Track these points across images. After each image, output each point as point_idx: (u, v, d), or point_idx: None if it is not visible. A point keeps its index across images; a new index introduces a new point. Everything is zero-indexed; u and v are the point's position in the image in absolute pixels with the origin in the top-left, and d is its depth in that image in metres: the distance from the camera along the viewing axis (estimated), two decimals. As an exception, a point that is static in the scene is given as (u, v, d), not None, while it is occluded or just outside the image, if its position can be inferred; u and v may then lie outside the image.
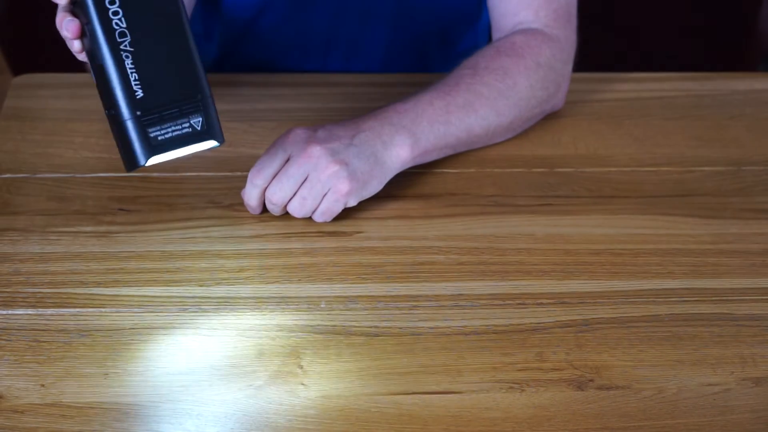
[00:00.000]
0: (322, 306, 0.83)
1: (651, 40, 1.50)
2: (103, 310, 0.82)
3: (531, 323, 0.82)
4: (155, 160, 0.76)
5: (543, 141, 1.02)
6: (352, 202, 0.89)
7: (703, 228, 0.92)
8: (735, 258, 0.89)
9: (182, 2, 0.75)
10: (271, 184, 0.88)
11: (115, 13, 0.73)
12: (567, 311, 0.83)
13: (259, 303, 0.83)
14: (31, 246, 0.87)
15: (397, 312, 0.83)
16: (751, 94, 1.11)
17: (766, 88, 1.13)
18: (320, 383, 0.77)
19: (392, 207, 0.93)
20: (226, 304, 0.83)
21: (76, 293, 0.83)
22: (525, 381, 0.78)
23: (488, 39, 1.22)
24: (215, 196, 0.93)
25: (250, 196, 0.89)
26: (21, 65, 1.32)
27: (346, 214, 0.91)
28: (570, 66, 1.04)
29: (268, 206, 0.89)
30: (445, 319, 0.82)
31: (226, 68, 1.19)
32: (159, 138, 0.75)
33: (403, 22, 1.15)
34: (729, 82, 1.13)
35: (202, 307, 0.82)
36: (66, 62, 1.17)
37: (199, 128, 0.76)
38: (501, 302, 0.84)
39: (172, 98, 0.75)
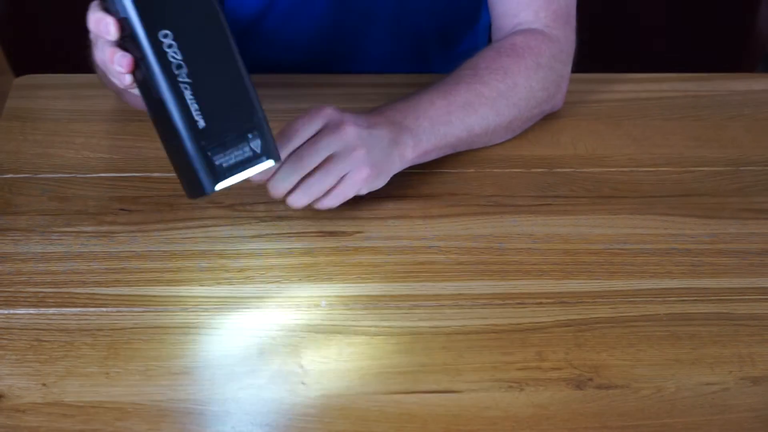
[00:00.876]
0: (322, 305, 0.83)
1: (650, 40, 1.50)
2: (104, 309, 0.82)
3: (530, 323, 0.83)
4: (220, 186, 0.76)
5: (542, 141, 1.02)
6: (363, 191, 0.88)
7: (701, 228, 0.93)
8: (733, 258, 0.90)
9: (228, 27, 0.75)
10: (305, 147, 0.85)
11: (170, 46, 0.72)
12: (566, 311, 0.84)
13: (259, 302, 0.83)
14: (33, 246, 0.88)
15: (397, 312, 0.83)
16: (749, 95, 1.11)
17: (764, 89, 1.13)
18: (320, 382, 0.77)
19: (392, 207, 0.93)
20: (226, 303, 0.83)
21: (77, 293, 0.83)
22: (524, 380, 0.78)
23: (488, 40, 1.22)
24: (216, 196, 0.93)
25: (288, 149, 0.85)
26: (22, 66, 1.32)
27: (346, 214, 0.91)
28: (569, 66, 1.04)
29: (288, 176, 0.85)
30: (445, 319, 0.83)
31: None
32: (224, 165, 0.75)
33: (404, 23, 1.15)
34: (728, 83, 1.13)
35: (203, 306, 0.83)
36: (67, 63, 1.17)
37: (258, 150, 0.76)
38: (500, 302, 0.85)
39: (231, 124, 0.75)
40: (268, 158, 0.77)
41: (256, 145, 0.76)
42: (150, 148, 0.99)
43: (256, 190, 0.94)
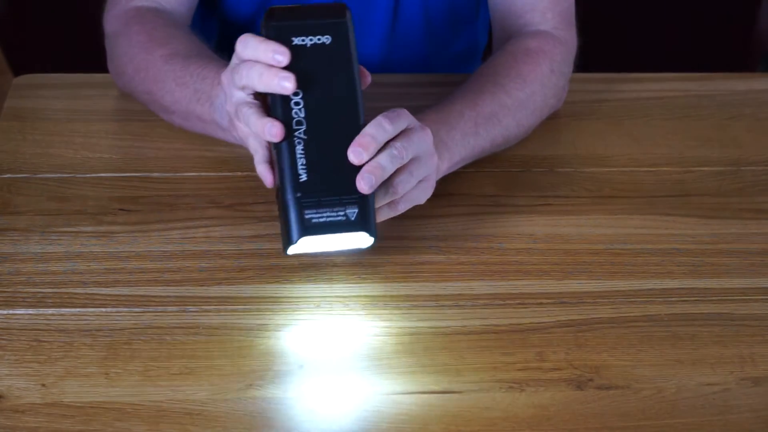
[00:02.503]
0: (322, 306, 0.83)
1: (650, 40, 1.50)
2: (103, 309, 0.82)
3: (531, 323, 0.83)
4: (306, 241, 0.77)
5: (543, 141, 1.02)
6: (422, 201, 0.85)
7: (702, 228, 0.93)
8: (734, 258, 0.90)
9: (362, 105, 0.78)
10: (401, 140, 0.79)
11: (297, 104, 0.77)
12: (566, 311, 0.84)
13: (259, 303, 0.83)
14: (32, 246, 0.87)
15: (397, 312, 0.83)
16: (750, 95, 1.11)
17: (765, 89, 1.13)
18: (320, 383, 0.77)
19: (392, 207, 0.93)
20: (226, 304, 0.83)
21: (76, 293, 0.83)
22: (525, 381, 0.78)
23: (487, 38, 1.22)
24: (215, 196, 0.93)
25: (377, 139, 0.78)
26: (21, 65, 1.32)
27: (346, 214, 0.91)
28: (572, 68, 1.04)
29: (384, 163, 0.78)
30: (445, 319, 0.83)
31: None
32: (313, 220, 0.76)
33: (401, 22, 1.15)
34: (728, 83, 1.13)
35: (202, 307, 0.83)
36: (66, 62, 1.17)
37: (353, 219, 0.77)
38: (501, 302, 0.84)
39: (333, 188, 0.77)
40: (362, 230, 0.77)
41: (353, 213, 0.77)
42: (149, 148, 0.99)
43: (255, 190, 0.94)
